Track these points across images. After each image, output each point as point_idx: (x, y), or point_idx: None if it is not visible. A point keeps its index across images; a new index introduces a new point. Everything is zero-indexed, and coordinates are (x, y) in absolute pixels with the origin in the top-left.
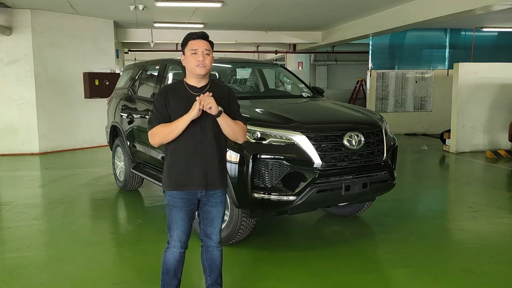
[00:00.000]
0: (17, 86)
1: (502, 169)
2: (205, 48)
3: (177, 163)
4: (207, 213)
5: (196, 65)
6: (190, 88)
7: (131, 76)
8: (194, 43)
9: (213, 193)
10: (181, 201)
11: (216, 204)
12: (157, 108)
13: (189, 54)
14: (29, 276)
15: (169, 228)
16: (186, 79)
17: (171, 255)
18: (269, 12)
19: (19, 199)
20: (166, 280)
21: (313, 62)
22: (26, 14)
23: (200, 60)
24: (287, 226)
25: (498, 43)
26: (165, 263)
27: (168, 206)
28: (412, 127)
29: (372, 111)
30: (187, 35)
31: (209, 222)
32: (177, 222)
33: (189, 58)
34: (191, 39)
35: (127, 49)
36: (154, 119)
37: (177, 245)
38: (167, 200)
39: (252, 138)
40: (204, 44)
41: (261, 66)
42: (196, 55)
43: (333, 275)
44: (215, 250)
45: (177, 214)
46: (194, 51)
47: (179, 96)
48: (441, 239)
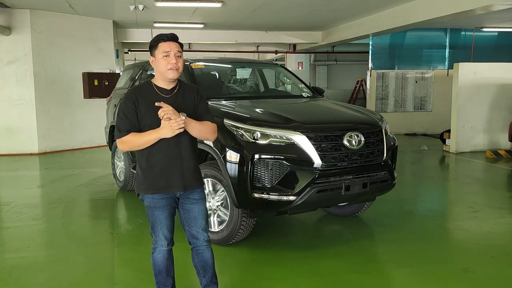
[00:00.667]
0: (17, 86)
1: (502, 169)
2: (177, 50)
3: (153, 167)
4: (188, 212)
5: (169, 68)
6: (160, 91)
7: (131, 76)
8: (165, 45)
9: (191, 191)
10: (162, 201)
11: (196, 201)
12: (126, 114)
13: (160, 57)
14: (28, 276)
15: (153, 228)
16: (154, 81)
17: (159, 254)
18: (269, 12)
19: (19, 199)
20: (161, 281)
21: (313, 62)
22: (25, 14)
23: (173, 63)
24: (287, 226)
25: (498, 43)
26: (156, 264)
27: (149, 208)
28: (412, 127)
29: (372, 111)
30: (157, 37)
31: (192, 221)
32: (161, 221)
33: (160, 61)
34: (162, 41)
35: (127, 49)
36: (122, 126)
37: (163, 243)
38: (147, 203)
39: (252, 138)
40: (176, 46)
41: (261, 66)
42: (169, 57)
43: (333, 275)
44: (205, 250)
45: (160, 213)
46: (167, 53)
47: (148, 99)
48: (441, 239)
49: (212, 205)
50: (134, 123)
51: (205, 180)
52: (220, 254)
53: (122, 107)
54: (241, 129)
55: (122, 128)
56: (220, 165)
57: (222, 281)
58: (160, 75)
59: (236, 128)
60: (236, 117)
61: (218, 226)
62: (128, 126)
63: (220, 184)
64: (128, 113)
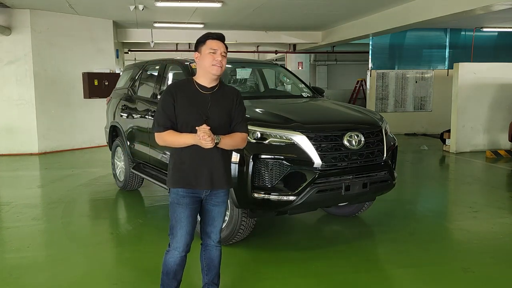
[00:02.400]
0: (17, 86)
1: (502, 169)
2: (223, 50)
3: (183, 162)
4: (208, 212)
5: (213, 64)
6: (200, 87)
7: (131, 76)
8: (213, 43)
9: (216, 192)
10: (186, 199)
11: (217, 203)
12: (164, 108)
13: (206, 53)
14: (28, 276)
15: (172, 228)
16: (196, 78)
17: (172, 259)
18: (269, 12)
19: (19, 199)
20: (166, 281)
21: (313, 62)
22: (25, 14)
23: (218, 60)
24: (287, 226)
25: (498, 43)
26: (166, 266)
27: (172, 205)
28: (412, 127)
29: (372, 111)
30: (206, 34)
31: (210, 220)
32: (181, 221)
33: (206, 57)
34: (210, 38)
35: (127, 49)
36: (161, 120)
37: (179, 248)
38: (171, 198)
39: (252, 138)
40: (223, 46)
41: (261, 66)
42: (215, 54)
43: (333, 275)
44: (214, 249)
45: (182, 212)
46: (214, 50)
47: (188, 94)
48: (441, 239)
49: None
50: (171, 117)
51: None
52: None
53: (160, 101)
54: None
55: (160, 123)
56: None
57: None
58: (203, 71)
59: None
60: None
61: None
62: (166, 121)
63: None
64: (167, 108)
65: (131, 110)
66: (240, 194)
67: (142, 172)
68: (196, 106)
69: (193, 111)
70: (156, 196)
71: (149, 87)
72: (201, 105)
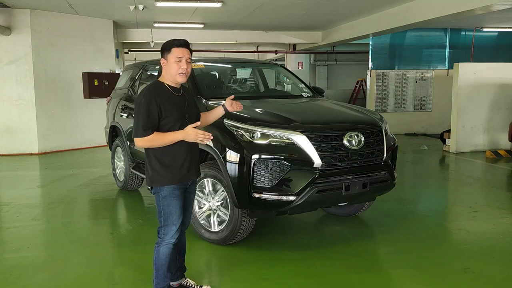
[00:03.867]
0: (17, 86)
1: (502, 169)
2: (188, 57)
3: (176, 159)
4: (185, 200)
5: (179, 73)
6: (173, 90)
7: (131, 76)
8: (179, 51)
9: (193, 182)
10: (180, 191)
11: (193, 191)
12: (149, 113)
13: (172, 61)
14: (28, 276)
15: (167, 220)
16: (164, 80)
17: (165, 249)
18: (269, 12)
19: (19, 199)
20: (161, 276)
21: (313, 62)
22: (25, 14)
23: (184, 69)
24: (287, 226)
25: (498, 43)
26: (159, 258)
27: (166, 199)
28: (412, 127)
29: (372, 111)
30: (171, 42)
31: (186, 207)
32: (176, 211)
33: (172, 65)
34: (176, 46)
35: (127, 49)
36: (146, 124)
37: (174, 235)
38: (165, 193)
39: (252, 138)
40: (188, 52)
41: (261, 66)
42: (181, 62)
43: (333, 275)
44: (183, 235)
45: (177, 203)
46: (179, 59)
47: (167, 97)
48: (441, 239)
49: (212, 205)
50: (155, 121)
51: (205, 180)
52: (220, 254)
53: (143, 107)
54: (241, 129)
55: (147, 127)
56: (220, 165)
57: (222, 281)
58: (170, 77)
59: (236, 128)
60: (236, 117)
61: (218, 226)
62: (152, 125)
63: (220, 184)
64: (151, 112)
65: (131, 110)
66: (240, 194)
67: (142, 172)
68: (177, 107)
69: (177, 112)
70: None
71: None
72: (180, 106)
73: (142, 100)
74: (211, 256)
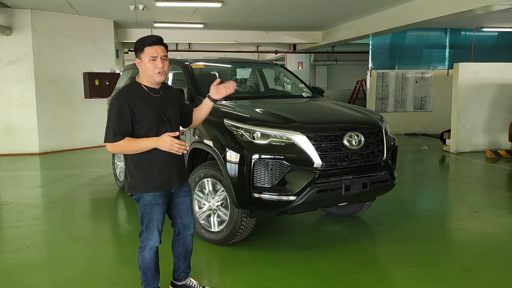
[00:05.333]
0: (17, 86)
1: (502, 169)
2: (163, 54)
3: (153, 165)
4: (181, 205)
5: (156, 72)
6: (150, 91)
7: (131, 76)
8: (151, 49)
9: (182, 185)
10: (162, 198)
11: (187, 194)
12: (120, 117)
13: (147, 61)
14: (29, 276)
15: (148, 226)
16: (141, 81)
17: (150, 252)
18: (269, 12)
19: (19, 199)
20: (149, 278)
21: (313, 62)
22: (26, 14)
23: (160, 67)
24: (287, 226)
25: (498, 43)
26: (145, 263)
27: (147, 206)
28: (412, 127)
29: (372, 111)
30: (142, 40)
31: (185, 212)
32: (158, 218)
33: (147, 65)
34: (147, 45)
35: (127, 49)
36: (117, 128)
37: (156, 240)
38: (146, 201)
39: (252, 138)
40: (162, 49)
41: (261, 66)
42: (155, 61)
43: (333, 275)
44: (190, 240)
45: (159, 210)
46: (153, 58)
47: (142, 100)
48: (441, 239)
49: (212, 205)
50: (128, 125)
51: (205, 180)
52: (220, 254)
53: (115, 109)
54: (241, 129)
55: (117, 132)
56: (220, 165)
57: (222, 281)
58: (147, 77)
59: (236, 128)
60: (236, 117)
61: (218, 226)
62: (123, 130)
63: (220, 184)
64: (123, 116)
65: None
66: (240, 194)
67: None
68: (154, 109)
69: (154, 114)
70: None
71: None
72: (158, 107)
73: (114, 102)
74: (211, 256)
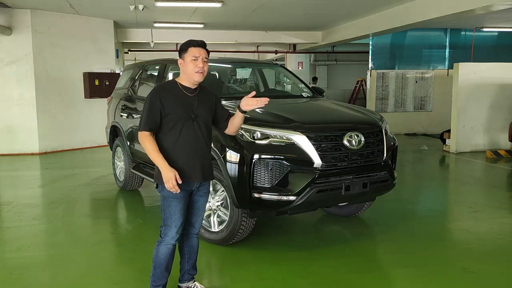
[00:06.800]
0: (17, 86)
1: (502, 169)
2: (205, 56)
3: (178, 158)
4: (194, 203)
5: (196, 71)
6: (185, 89)
7: (131, 76)
8: (195, 50)
9: (204, 184)
10: (181, 193)
11: (204, 194)
12: (151, 111)
13: (189, 60)
14: (29, 276)
15: (167, 221)
16: (179, 80)
17: (164, 249)
18: (269, 12)
19: (19, 199)
20: (158, 274)
21: (313, 62)
22: (26, 14)
23: (200, 67)
24: (287, 226)
25: (498, 43)
26: (158, 257)
27: (166, 199)
28: (412, 127)
29: (372, 111)
30: (189, 42)
31: (195, 211)
32: (176, 213)
33: (189, 64)
34: (193, 46)
35: (127, 49)
36: (146, 122)
37: (174, 237)
38: (165, 193)
39: (252, 138)
40: (204, 52)
41: (261, 66)
42: (197, 61)
43: (333, 275)
44: (195, 238)
45: (177, 205)
46: (196, 58)
47: (175, 96)
48: (441, 239)
49: (212, 205)
50: (156, 119)
51: None
52: (220, 254)
53: (148, 102)
54: (241, 129)
55: (144, 124)
56: (220, 165)
57: (222, 281)
58: (187, 76)
59: None
60: None
61: (218, 226)
62: (151, 122)
63: (220, 184)
64: (153, 109)
65: (131, 110)
66: (240, 194)
67: (142, 172)
68: (184, 106)
69: (182, 111)
70: (156, 196)
71: (149, 87)
72: (189, 105)
73: (148, 97)
74: (211, 256)
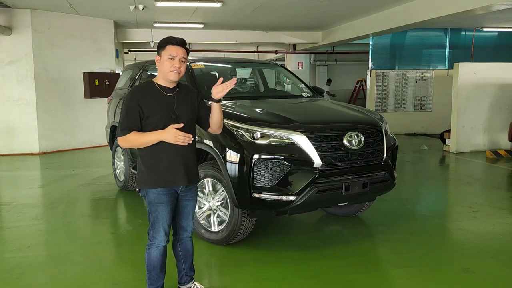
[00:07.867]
0: (17, 86)
1: (502, 169)
2: (183, 56)
3: (161, 161)
4: (184, 208)
5: (171, 71)
6: (162, 89)
7: (131, 76)
8: (173, 49)
9: (190, 188)
10: (166, 197)
11: (191, 199)
12: (129, 112)
13: (166, 58)
14: (29, 276)
15: (154, 225)
16: (156, 80)
17: (156, 251)
18: (269, 12)
19: (19, 199)
20: (154, 277)
21: (313, 62)
22: (26, 14)
23: (176, 67)
24: (287, 226)
25: (498, 43)
26: (151, 260)
27: (152, 204)
28: (412, 127)
29: (372, 111)
30: (167, 39)
31: (185, 215)
32: (163, 217)
33: (165, 63)
34: (171, 44)
35: (127, 49)
36: (125, 124)
37: (163, 239)
38: (151, 198)
39: (252, 138)
40: (183, 51)
41: (261, 66)
42: (173, 61)
43: (333, 275)
44: (189, 241)
45: (163, 209)
46: (172, 57)
47: (152, 97)
48: (441, 239)
49: (212, 205)
50: (136, 121)
51: (205, 180)
52: (220, 254)
53: (125, 105)
54: (241, 129)
55: (124, 126)
56: (220, 165)
57: (222, 281)
58: (162, 75)
59: (236, 128)
60: (236, 117)
61: (218, 226)
62: (130, 124)
63: (220, 184)
64: (132, 112)
65: None
66: (240, 194)
67: None
68: (163, 107)
69: (161, 112)
70: None
71: None
72: (168, 106)
73: (125, 99)
74: (211, 256)
